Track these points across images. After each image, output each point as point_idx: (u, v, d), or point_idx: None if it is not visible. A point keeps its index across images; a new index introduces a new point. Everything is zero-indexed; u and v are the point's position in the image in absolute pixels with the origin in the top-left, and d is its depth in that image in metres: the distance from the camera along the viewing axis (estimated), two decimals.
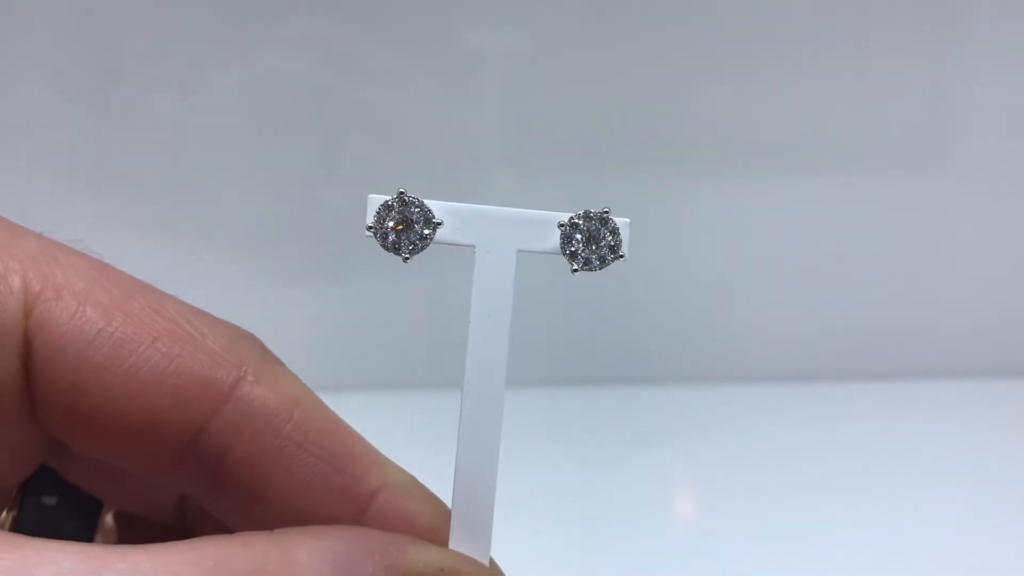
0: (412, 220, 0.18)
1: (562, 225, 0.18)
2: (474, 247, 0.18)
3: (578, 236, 0.18)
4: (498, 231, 0.18)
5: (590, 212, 0.18)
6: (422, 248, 0.18)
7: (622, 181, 0.49)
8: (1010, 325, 0.53)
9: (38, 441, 0.19)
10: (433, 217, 0.18)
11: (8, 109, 0.46)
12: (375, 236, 0.18)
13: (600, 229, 0.18)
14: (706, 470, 0.48)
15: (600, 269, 0.18)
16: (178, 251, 0.49)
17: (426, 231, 0.18)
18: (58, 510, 0.22)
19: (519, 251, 0.18)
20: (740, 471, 0.47)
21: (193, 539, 0.15)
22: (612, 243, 0.18)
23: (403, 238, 0.18)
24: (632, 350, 0.53)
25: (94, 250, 0.19)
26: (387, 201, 0.18)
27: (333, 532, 0.17)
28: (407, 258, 0.18)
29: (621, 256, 0.18)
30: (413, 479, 0.20)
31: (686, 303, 0.52)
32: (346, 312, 0.51)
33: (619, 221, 0.18)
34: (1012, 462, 0.47)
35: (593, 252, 0.18)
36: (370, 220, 0.18)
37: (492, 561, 0.19)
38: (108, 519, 0.23)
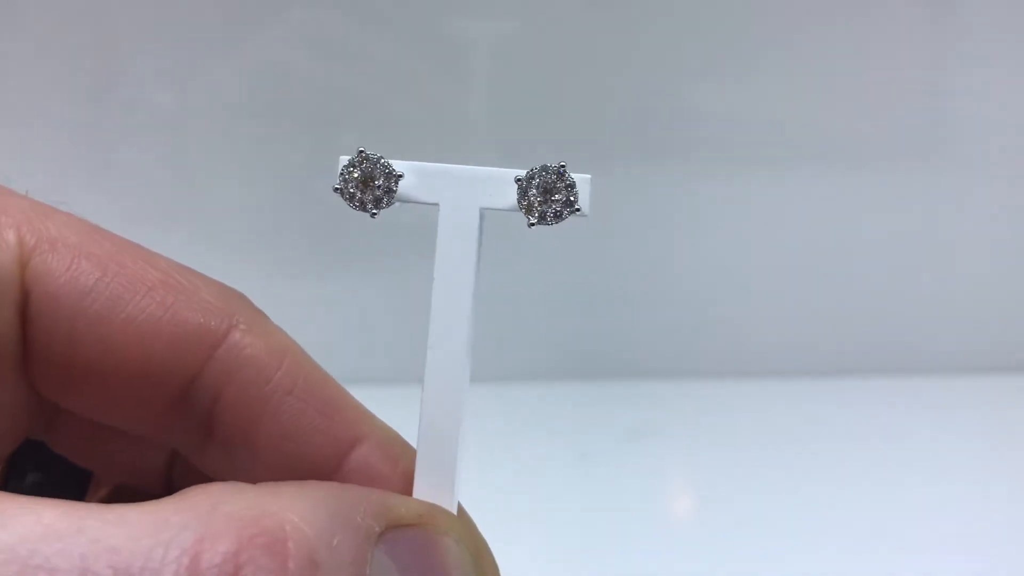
0: (373, 176, 0.19)
1: (519, 180, 0.19)
2: (438, 205, 0.19)
3: (533, 190, 0.18)
4: (462, 189, 0.19)
5: (547, 166, 0.19)
6: (387, 203, 0.19)
7: (613, 174, 0.49)
8: (1007, 321, 0.53)
9: (28, 406, 0.19)
10: (394, 171, 0.19)
11: (6, 103, 0.46)
12: (341, 196, 0.19)
13: (555, 183, 0.18)
14: (702, 465, 0.48)
15: (555, 223, 0.18)
16: (177, 244, 0.49)
17: (390, 185, 0.19)
18: (43, 487, 0.22)
19: (482, 208, 0.19)
20: (736, 466, 0.47)
21: (184, 490, 0.15)
22: (568, 198, 0.18)
23: (367, 195, 0.19)
24: (627, 345, 0.53)
25: (77, 211, 0.19)
26: (349, 160, 0.19)
27: (322, 484, 0.17)
28: (374, 214, 0.19)
29: (577, 210, 0.18)
30: (395, 431, 0.20)
31: (681, 298, 0.52)
32: (345, 305, 0.52)
33: (578, 177, 0.19)
34: (1008, 457, 0.47)
35: (548, 206, 0.18)
36: (336, 181, 0.19)
37: (460, 507, 0.19)
38: (99, 494, 0.23)
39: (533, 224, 0.19)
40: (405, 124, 0.48)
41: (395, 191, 0.19)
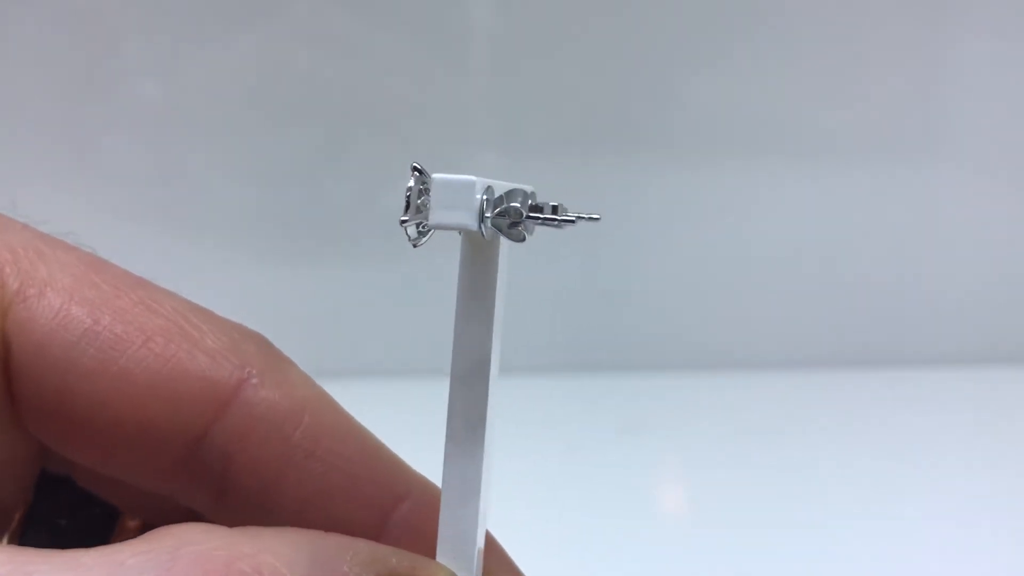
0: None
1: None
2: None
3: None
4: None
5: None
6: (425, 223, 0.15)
7: (605, 166, 0.49)
8: (1000, 313, 0.52)
9: (30, 449, 0.18)
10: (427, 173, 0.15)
11: None
12: (415, 227, 0.15)
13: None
14: (694, 458, 0.47)
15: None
16: (168, 238, 0.49)
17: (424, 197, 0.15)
18: (70, 532, 0.20)
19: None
20: (728, 459, 0.46)
21: (152, 531, 0.14)
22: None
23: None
24: (619, 337, 0.52)
25: (86, 244, 0.18)
26: (410, 184, 0.15)
27: (302, 530, 0.15)
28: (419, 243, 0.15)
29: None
30: (436, 486, 0.18)
31: (674, 290, 0.51)
32: (341, 298, 0.51)
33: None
34: (1004, 449, 0.47)
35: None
36: (405, 212, 0.15)
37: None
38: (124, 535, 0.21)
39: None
40: (396, 116, 0.47)
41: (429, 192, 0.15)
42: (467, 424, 0.16)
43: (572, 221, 0.15)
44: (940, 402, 0.51)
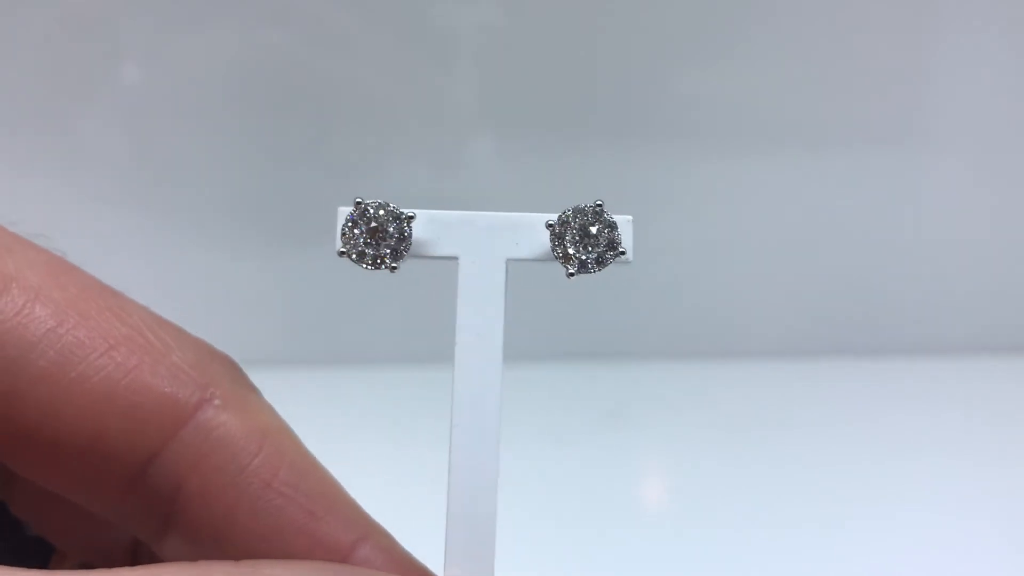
0: (383, 224, 0.16)
1: (551, 225, 0.16)
2: (457, 258, 0.16)
3: (569, 236, 0.16)
4: (484, 239, 0.16)
5: (581, 207, 0.16)
6: (406, 250, 0.16)
7: (595, 156, 0.48)
8: (991, 300, 0.52)
9: None
10: (403, 213, 0.16)
11: None
12: (349, 258, 0.16)
13: (594, 224, 0.16)
14: (680, 447, 0.47)
15: (598, 270, 0.16)
16: (147, 225, 0.48)
17: (403, 229, 0.16)
18: (3, 554, 0.19)
19: (509, 260, 0.16)
20: (715, 448, 0.46)
21: (143, 566, 0.13)
22: (609, 238, 0.16)
23: (380, 248, 0.16)
24: (606, 325, 0.52)
25: (58, 247, 0.17)
26: (348, 214, 0.16)
27: (310, 566, 0.15)
28: (394, 268, 0.16)
29: (622, 254, 0.16)
30: (393, 538, 0.18)
31: (661, 278, 0.51)
32: (313, 287, 0.50)
33: (619, 218, 0.16)
34: (994, 440, 0.47)
35: (589, 252, 0.16)
36: (339, 243, 0.16)
37: None
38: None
39: (573, 274, 0.16)
40: (386, 110, 0.46)
41: (410, 236, 0.16)
42: (476, 409, 0.16)
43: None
44: (928, 392, 0.51)
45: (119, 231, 0.47)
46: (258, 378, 0.18)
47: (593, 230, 0.16)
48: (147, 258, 0.49)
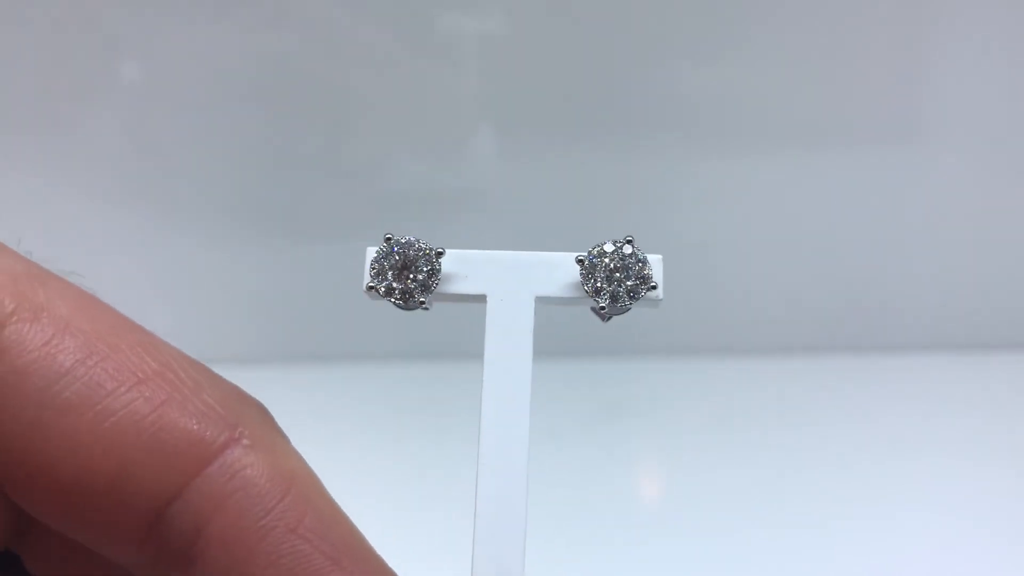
0: (412, 260, 0.16)
1: (580, 260, 0.16)
2: (485, 297, 0.16)
3: (601, 270, 0.16)
4: (511, 277, 0.16)
5: (610, 244, 0.16)
6: (435, 286, 0.16)
7: (596, 152, 0.48)
8: (983, 298, 0.52)
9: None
10: (433, 248, 0.16)
11: None
12: (379, 294, 0.16)
13: (624, 258, 0.16)
14: (676, 443, 0.47)
15: (630, 305, 0.16)
16: (142, 224, 0.48)
17: (433, 265, 0.16)
18: None
19: (538, 298, 0.16)
20: (711, 444, 0.46)
21: None
22: (641, 273, 0.16)
23: (411, 283, 0.16)
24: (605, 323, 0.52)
25: (89, 285, 0.17)
26: (377, 250, 0.16)
27: None
28: (425, 304, 0.16)
29: (654, 287, 0.16)
30: None
31: (661, 275, 0.51)
32: (313, 286, 0.50)
33: (651, 257, 0.17)
34: (992, 437, 0.47)
35: (620, 285, 0.16)
36: (368, 278, 0.16)
37: None
38: None
39: (604, 309, 0.16)
40: (388, 109, 0.46)
41: (439, 271, 0.16)
42: (503, 446, 0.16)
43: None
44: (928, 391, 0.51)
45: (119, 230, 0.47)
46: (259, 376, 0.18)
47: (625, 265, 0.16)
48: (147, 257, 0.49)
